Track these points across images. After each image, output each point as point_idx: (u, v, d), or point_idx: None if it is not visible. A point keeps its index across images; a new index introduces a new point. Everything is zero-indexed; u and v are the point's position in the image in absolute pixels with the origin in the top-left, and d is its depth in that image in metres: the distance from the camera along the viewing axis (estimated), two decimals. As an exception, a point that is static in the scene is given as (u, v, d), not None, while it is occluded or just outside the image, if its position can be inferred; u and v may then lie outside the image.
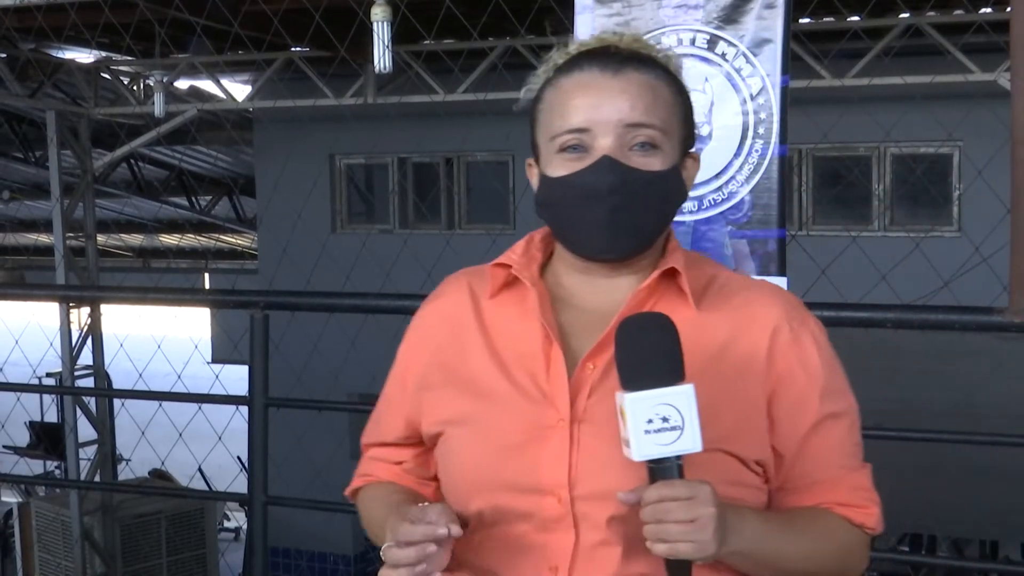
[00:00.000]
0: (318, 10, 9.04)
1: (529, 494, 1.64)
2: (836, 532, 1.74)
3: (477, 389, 1.72)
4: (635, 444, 1.51)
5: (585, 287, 1.75)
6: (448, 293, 1.84)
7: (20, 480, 16.74)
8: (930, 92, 10.01)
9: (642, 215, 1.68)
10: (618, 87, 1.67)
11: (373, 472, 1.91)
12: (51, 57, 12.84)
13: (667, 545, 1.51)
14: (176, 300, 8.85)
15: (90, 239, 13.88)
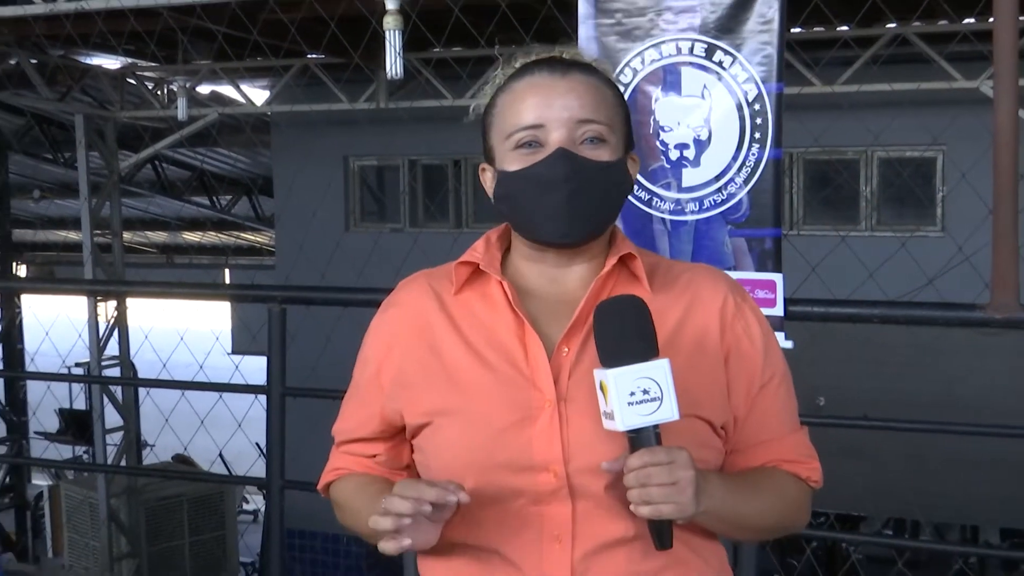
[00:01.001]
0: (333, 19, 9.04)
1: (524, 472, 1.67)
2: (786, 488, 1.80)
3: (459, 380, 1.73)
4: (619, 416, 1.56)
5: (542, 277, 1.78)
6: (410, 294, 1.85)
7: (50, 464, 16.76)
8: (916, 99, 10.00)
9: (596, 202, 1.71)
10: (567, 86, 1.71)
11: (345, 466, 1.92)
12: (79, 63, 12.85)
13: (651, 507, 1.56)
14: (198, 294, 8.85)
15: (116, 236, 13.89)
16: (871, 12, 8.26)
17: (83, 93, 13.29)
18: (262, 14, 9.67)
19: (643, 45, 3.20)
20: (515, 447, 1.67)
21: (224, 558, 13.59)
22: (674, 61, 3.19)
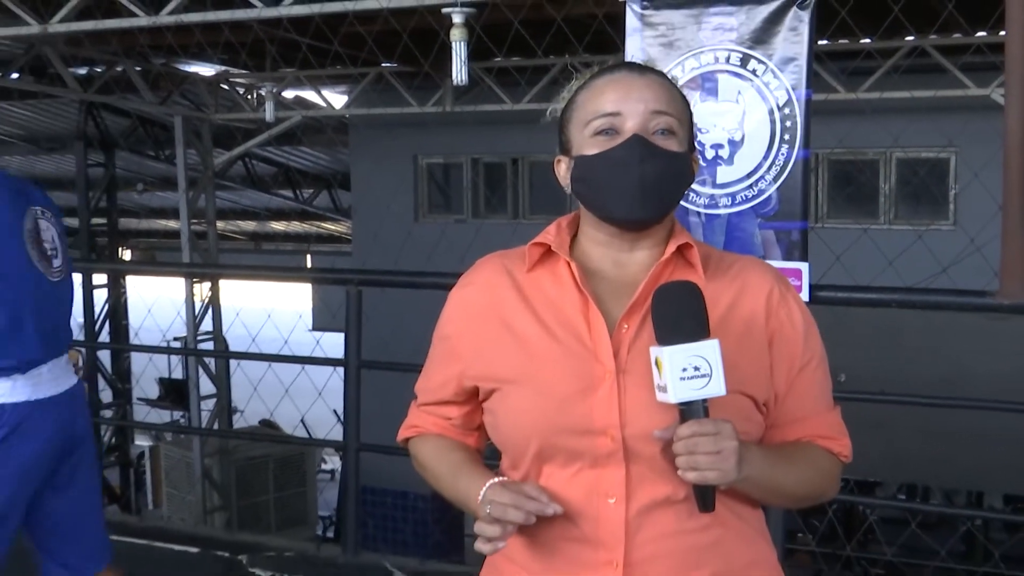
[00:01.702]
0: (406, 31, 9.06)
1: (584, 436, 1.67)
2: (819, 460, 1.80)
3: (528, 350, 1.73)
4: (672, 389, 1.56)
5: (607, 260, 1.77)
6: (487, 270, 1.85)
7: (151, 427, 16.96)
8: (932, 104, 9.92)
9: (663, 186, 1.71)
10: (644, 83, 1.72)
11: (422, 424, 1.93)
12: (179, 70, 12.95)
13: (697, 473, 1.56)
14: (283, 277, 8.92)
15: (211, 225, 14.02)
16: (892, 26, 8.18)
17: (182, 97, 13.40)
18: (342, 27, 9.70)
19: (684, 55, 3.20)
20: (577, 413, 1.67)
21: (305, 512, 13.70)
22: (712, 69, 3.18)
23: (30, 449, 3.12)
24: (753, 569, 1.76)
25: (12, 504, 3.13)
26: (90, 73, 12.58)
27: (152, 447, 15.00)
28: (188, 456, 13.16)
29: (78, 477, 3.32)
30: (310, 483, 13.97)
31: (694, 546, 1.68)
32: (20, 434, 3.10)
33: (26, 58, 11.58)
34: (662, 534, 1.67)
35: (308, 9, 7.78)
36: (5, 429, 3.08)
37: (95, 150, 15.07)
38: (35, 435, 3.13)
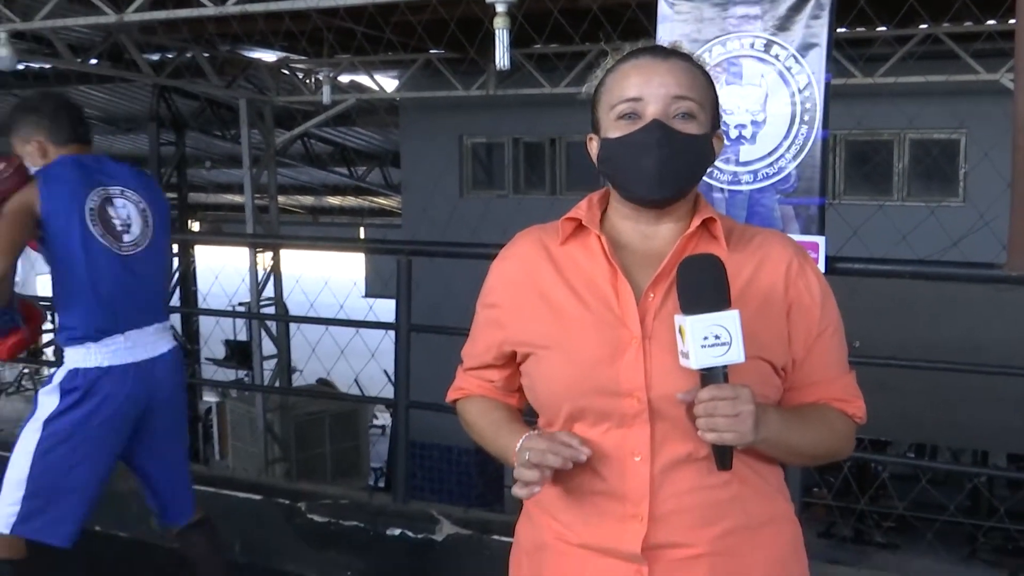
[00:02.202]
0: (453, 19, 9.05)
1: (612, 397, 1.67)
2: (834, 422, 1.78)
3: (561, 317, 1.73)
4: (694, 356, 1.55)
5: (635, 234, 1.76)
6: (524, 244, 1.85)
7: (218, 384, 17.11)
8: (944, 89, 9.83)
9: (682, 168, 1.69)
10: (666, 68, 1.69)
11: (468, 387, 1.94)
12: (243, 56, 12.99)
13: (716, 434, 1.56)
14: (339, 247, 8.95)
15: (272, 199, 14.09)
16: (907, 14, 8.10)
17: (246, 81, 13.44)
18: (394, 16, 9.71)
19: (712, 41, 3.17)
20: (606, 376, 1.67)
21: (357, 464, 13.79)
22: (737, 55, 3.16)
23: (105, 413, 3.16)
24: (771, 523, 1.76)
25: (90, 458, 3.17)
26: (162, 59, 12.62)
27: (219, 403, 15.13)
28: (251, 411, 13.27)
29: (166, 436, 3.37)
30: (363, 437, 14.05)
31: (715, 501, 1.68)
32: (92, 398, 3.14)
33: (104, 45, 11.64)
34: (684, 490, 1.67)
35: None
36: (79, 392, 3.13)
37: (167, 130, 15.15)
38: (108, 400, 3.16)
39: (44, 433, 3.11)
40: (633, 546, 1.67)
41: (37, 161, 3.18)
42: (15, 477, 3.11)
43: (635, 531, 1.67)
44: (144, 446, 3.32)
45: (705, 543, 1.68)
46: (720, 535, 1.69)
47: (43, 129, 3.21)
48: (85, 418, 3.13)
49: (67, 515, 3.16)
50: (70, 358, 3.15)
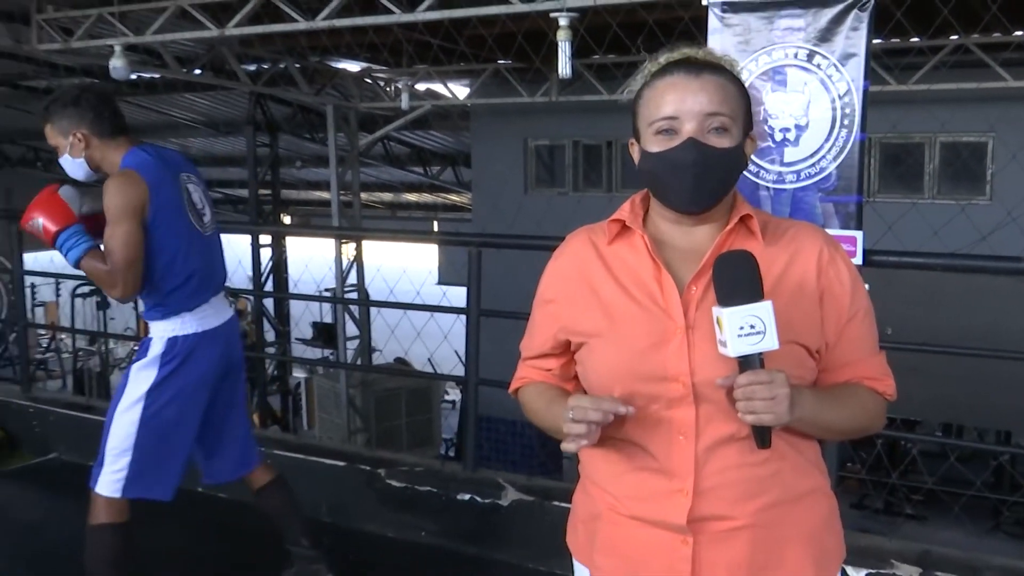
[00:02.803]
0: (520, 33, 9.04)
1: (659, 382, 1.66)
2: (865, 399, 1.76)
3: (611, 309, 1.72)
4: (731, 345, 1.54)
5: (676, 232, 1.75)
6: (575, 243, 1.84)
7: (306, 362, 17.32)
8: (973, 95, 9.65)
9: (716, 180, 1.68)
10: (699, 86, 1.66)
11: (528, 376, 1.93)
12: (331, 67, 13.09)
13: (754, 416, 1.55)
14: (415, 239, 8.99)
15: (355, 195, 14.20)
16: (940, 26, 7.95)
17: (333, 89, 13.54)
18: (467, 30, 9.72)
19: (759, 52, 3.13)
20: (653, 363, 1.66)
21: (430, 435, 13.87)
22: (782, 64, 3.12)
23: (200, 372, 3.21)
24: (808, 496, 1.74)
25: (189, 413, 3.22)
26: (258, 69, 12.76)
27: (307, 379, 15.31)
28: (336, 387, 13.39)
29: (233, 394, 3.41)
30: (435, 411, 14.13)
31: (755, 477, 1.67)
32: (191, 360, 3.19)
33: (207, 57, 11.79)
34: (727, 466, 1.66)
35: (439, 14, 7.81)
36: (180, 358, 3.17)
37: (262, 133, 15.32)
38: (203, 360, 3.21)
39: (147, 402, 3.13)
40: (679, 518, 1.67)
41: (78, 153, 3.11)
42: (119, 446, 3.13)
43: (681, 504, 1.66)
44: (217, 407, 3.34)
45: (746, 515, 1.67)
46: (761, 508, 1.67)
47: (86, 122, 3.10)
48: (185, 381, 3.18)
49: (170, 472, 3.21)
50: (165, 328, 3.17)
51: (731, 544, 1.67)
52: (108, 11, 9.11)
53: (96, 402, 5.76)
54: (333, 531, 4.11)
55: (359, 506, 4.35)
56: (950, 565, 3.28)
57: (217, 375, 3.27)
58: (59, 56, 10.63)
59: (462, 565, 3.95)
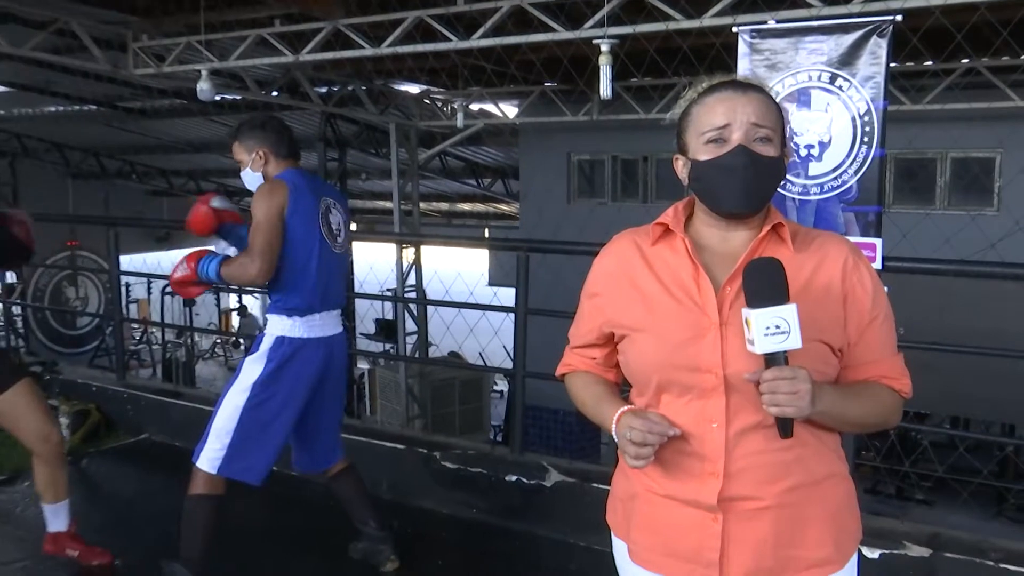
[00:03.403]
0: (566, 57, 9.03)
1: (693, 372, 1.65)
2: (882, 396, 1.74)
3: (651, 305, 1.72)
4: (758, 343, 1.54)
5: (714, 237, 1.74)
6: (621, 243, 1.83)
7: (370, 354, 17.38)
8: (982, 114, 9.49)
9: (762, 184, 1.68)
10: (746, 99, 1.67)
11: (574, 363, 1.93)
12: (394, 89, 13.16)
13: (778, 408, 1.55)
14: (469, 244, 9.01)
15: (415, 205, 14.25)
16: (952, 50, 7.83)
17: (395, 109, 13.61)
18: (517, 55, 9.73)
19: (784, 74, 3.10)
20: (688, 355, 1.66)
21: (480, 421, 13.89)
22: (806, 85, 3.08)
23: (300, 374, 3.27)
24: (829, 480, 1.72)
25: (287, 409, 3.28)
26: (329, 91, 12.86)
27: (370, 369, 15.37)
28: (396, 377, 13.46)
29: (329, 400, 3.46)
30: (485, 400, 14.15)
31: (780, 461, 1.66)
32: (294, 361, 3.25)
33: (283, 80, 11.90)
34: (754, 451, 1.65)
35: (492, 41, 7.83)
36: (284, 357, 3.25)
37: (332, 149, 15.41)
38: (305, 364, 3.28)
39: (253, 391, 3.21)
40: (710, 498, 1.67)
41: (258, 168, 3.30)
42: (223, 427, 3.20)
43: (712, 486, 1.66)
44: (312, 407, 3.40)
45: (772, 496, 1.66)
46: (785, 490, 1.66)
47: (269, 143, 3.31)
48: (287, 380, 3.24)
49: (263, 460, 3.26)
50: (275, 326, 3.27)
51: (757, 522, 1.67)
52: (196, 39, 9.22)
53: (183, 389, 5.84)
54: (393, 507, 4.13)
55: (416, 485, 4.36)
56: (958, 546, 3.23)
57: (317, 379, 3.33)
58: (152, 80, 10.78)
59: (509, 539, 3.95)
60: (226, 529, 3.34)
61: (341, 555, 3.65)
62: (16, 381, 3.43)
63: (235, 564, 3.66)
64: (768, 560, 1.68)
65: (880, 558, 3.25)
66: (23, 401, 3.43)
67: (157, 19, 9.56)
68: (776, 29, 3.15)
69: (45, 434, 3.49)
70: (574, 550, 3.80)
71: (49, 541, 3.69)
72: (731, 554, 1.68)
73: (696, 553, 1.70)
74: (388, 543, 3.60)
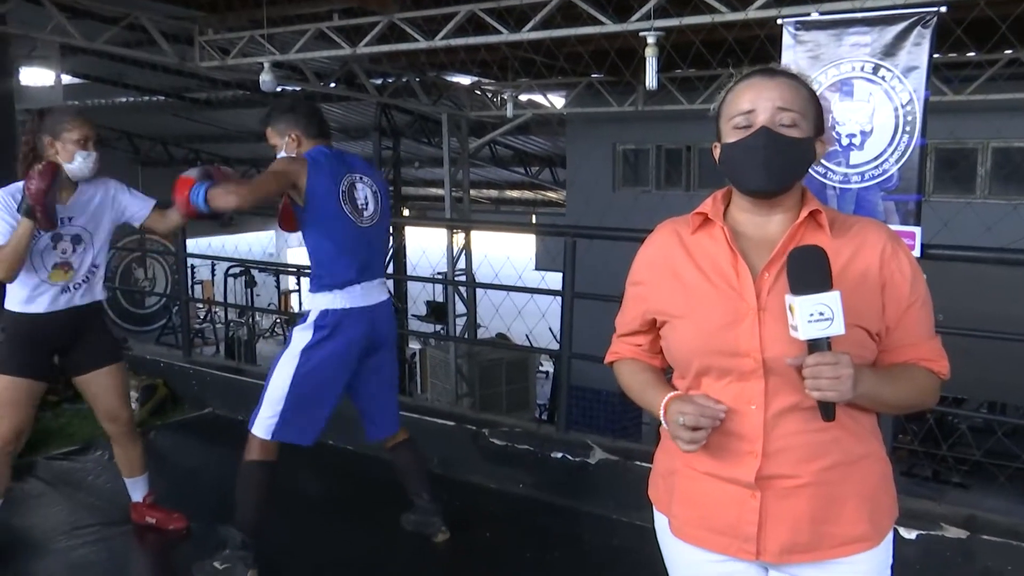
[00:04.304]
0: (613, 49, 8.97)
1: (732, 356, 1.65)
2: (920, 378, 1.72)
3: (691, 292, 1.72)
4: (802, 329, 1.52)
5: (752, 224, 1.73)
6: (662, 233, 1.83)
7: (421, 335, 17.50)
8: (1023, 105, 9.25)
9: (784, 163, 1.66)
10: (772, 84, 1.66)
11: (621, 351, 1.93)
12: (446, 80, 13.16)
13: (820, 392, 1.54)
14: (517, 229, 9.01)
15: (465, 192, 14.27)
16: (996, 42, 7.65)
17: (448, 100, 13.62)
18: (565, 48, 9.68)
19: (828, 65, 3.06)
20: (727, 340, 1.65)
21: (527, 400, 13.89)
22: (849, 76, 3.04)
23: (346, 342, 3.29)
24: (865, 459, 1.71)
25: (336, 375, 3.30)
26: (384, 82, 12.91)
27: (421, 349, 15.45)
28: (446, 357, 13.51)
29: (382, 366, 3.48)
30: (531, 380, 14.16)
31: (817, 441, 1.65)
32: (339, 331, 3.27)
33: (340, 72, 11.97)
34: (792, 432, 1.65)
35: (542, 34, 7.80)
36: (328, 328, 3.26)
37: (386, 138, 15.51)
38: (347, 333, 3.29)
39: (302, 359, 3.24)
40: (749, 476, 1.66)
41: (292, 150, 3.28)
42: (275, 395, 3.24)
43: (751, 464, 1.66)
44: (364, 375, 3.42)
45: (809, 475, 1.65)
46: (822, 468, 1.66)
47: (299, 126, 3.29)
48: (333, 347, 3.26)
49: (314, 423, 3.30)
50: (320, 301, 3.27)
51: (794, 499, 1.67)
52: (259, 33, 9.31)
53: (245, 366, 5.92)
54: (442, 481, 4.16)
55: (465, 460, 4.39)
56: (995, 529, 3.18)
57: (363, 347, 3.35)
58: (217, 72, 10.89)
59: (554, 514, 3.96)
60: (282, 498, 3.39)
61: (393, 526, 3.69)
62: (112, 363, 3.54)
63: (289, 530, 3.72)
64: (804, 535, 1.67)
65: (917, 539, 3.22)
66: (109, 382, 3.54)
67: (222, 14, 9.66)
68: (820, 21, 3.10)
69: (115, 415, 3.60)
70: (617, 525, 3.80)
71: (132, 510, 3.82)
72: (768, 529, 1.68)
73: (734, 528, 1.70)
74: (439, 515, 3.63)
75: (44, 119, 3.30)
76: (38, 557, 3.55)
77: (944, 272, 3.30)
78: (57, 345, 3.44)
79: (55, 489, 4.24)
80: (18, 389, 3.36)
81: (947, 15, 3.01)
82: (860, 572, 1.71)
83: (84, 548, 3.61)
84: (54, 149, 3.26)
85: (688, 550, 1.79)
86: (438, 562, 3.56)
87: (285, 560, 3.51)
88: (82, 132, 3.26)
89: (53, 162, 3.20)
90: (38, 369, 3.40)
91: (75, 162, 3.25)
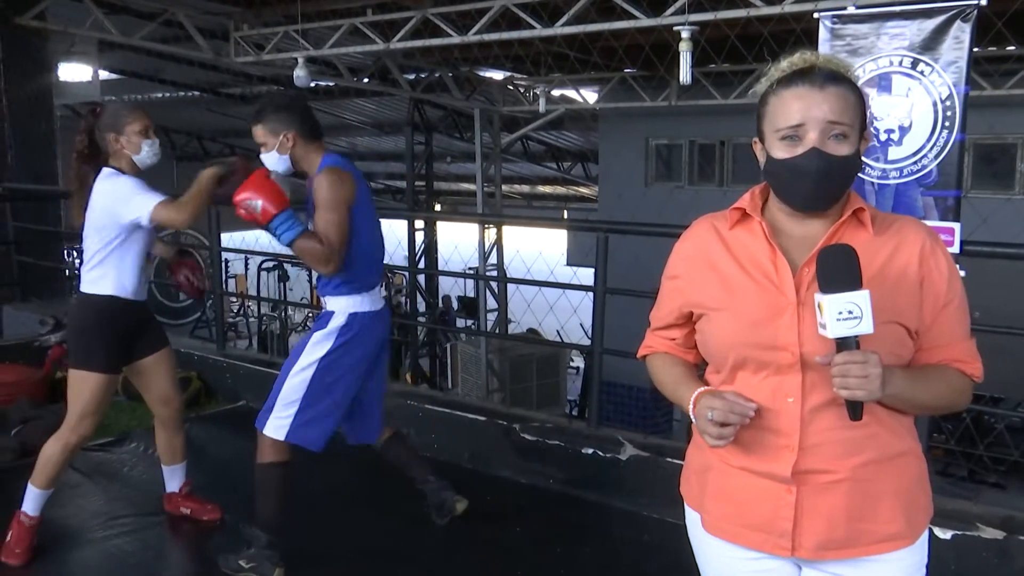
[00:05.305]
0: (648, 44, 8.93)
1: (770, 350, 1.64)
2: (953, 380, 1.70)
3: (729, 285, 1.71)
4: (830, 327, 1.52)
5: (791, 221, 1.72)
6: (700, 228, 1.82)
7: (452, 330, 17.53)
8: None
9: (834, 186, 1.65)
10: (821, 97, 1.62)
11: (655, 345, 1.92)
12: (478, 75, 13.18)
13: (848, 391, 1.53)
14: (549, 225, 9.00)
15: (497, 187, 14.29)
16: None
17: (480, 95, 13.64)
18: (599, 42, 9.66)
19: (866, 60, 3.02)
20: (766, 334, 1.64)
21: (557, 396, 13.91)
22: (887, 71, 3.00)
23: (366, 347, 3.29)
24: (901, 457, 1.69)
25: (352, 380, 3.30)
26: (417, 78, 12.95)
27: (452, 344, 15.49)
28: (477, 352, 13.54)
29: (379, 369, 3.47)
30: (562, 375, 14.17)
31: (854, 437, 1.63)
32: (363, 333, 3.27)
33: (374, 67, 12.02)
34: (828, 427, 1.63)
35: (575, 29, 7.78)
36: (353, 332, 3.25)
37: (419, 133, 15.55)
38: (371, 336, 3.30)
39: (322, 364, 3.22)
40: (785, 470, 1.65)
41: (285, 151, 3.16)
42: (290, 397, 3.22)
43: (787, 458, 1.65)
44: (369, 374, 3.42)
45: (845, 470, 1.64)
46: (859, 464, 1.64)
47: (295, 126, 3.15)
48: (353, 353, 3.25)
49: (326, 428, 3.28)
50: (345, 305, 3.25)
51: (831, 495, 1.65)
52: (293, 29, 9.37)
53: (277, 359, 5.96)
54: (473, 475, 4.17)
55: (496, 455, 4.39)
56: (1033, 530, 3.13)
57: (377, 350, 3.36)
58: (252, 67, 10.99)
59: (585, 510, 3.96)
60: (304, 494, 3.38)
61: (420, 518, 3.69)
62: (161, 348, 3.59)
63: (311, 527, 3.74)
64: (840, 532, 1.66)
65: (953, 539, 3.18)
66: (161, 368, 3.59)
67: (257, 10, 9.74)
68: (858, 14, 3.07)
69: (168, 399, 3.65)
70: (648, 522, 3.79)
71: (166, 500, 3.85)
72: (804, 525, 1.67)
73: (769, 523, 1.69)
74: (449, 488, 3.63)
75: (100, 116, 3.36)
76: (75, 547, 3.60)
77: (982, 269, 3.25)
78: (136, 332, 3.49)
79: (91, 480, 4.30)
80: (111, 387, 3.43)
81: (987, 8, 2.97)
82: (895, 570, 1.70)
83: (120, 538, 3.66)
84: (119, 144, 3.32)
85: (721, 546, 1.78)
86: (468, 555, 3.56)
87: (314, 552, 3.54)
88: (143, 123, 3.35)
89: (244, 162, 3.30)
90: (124, 361, 3.48)
91: (143, 151, 3.35)
